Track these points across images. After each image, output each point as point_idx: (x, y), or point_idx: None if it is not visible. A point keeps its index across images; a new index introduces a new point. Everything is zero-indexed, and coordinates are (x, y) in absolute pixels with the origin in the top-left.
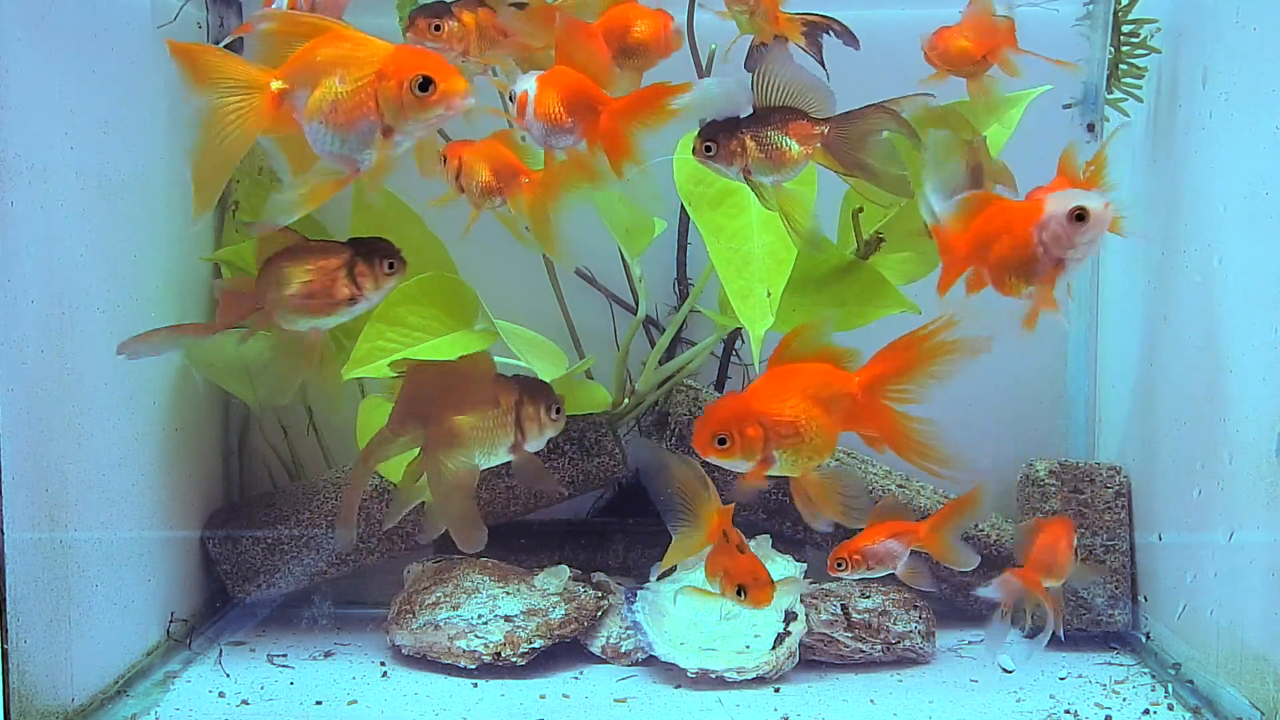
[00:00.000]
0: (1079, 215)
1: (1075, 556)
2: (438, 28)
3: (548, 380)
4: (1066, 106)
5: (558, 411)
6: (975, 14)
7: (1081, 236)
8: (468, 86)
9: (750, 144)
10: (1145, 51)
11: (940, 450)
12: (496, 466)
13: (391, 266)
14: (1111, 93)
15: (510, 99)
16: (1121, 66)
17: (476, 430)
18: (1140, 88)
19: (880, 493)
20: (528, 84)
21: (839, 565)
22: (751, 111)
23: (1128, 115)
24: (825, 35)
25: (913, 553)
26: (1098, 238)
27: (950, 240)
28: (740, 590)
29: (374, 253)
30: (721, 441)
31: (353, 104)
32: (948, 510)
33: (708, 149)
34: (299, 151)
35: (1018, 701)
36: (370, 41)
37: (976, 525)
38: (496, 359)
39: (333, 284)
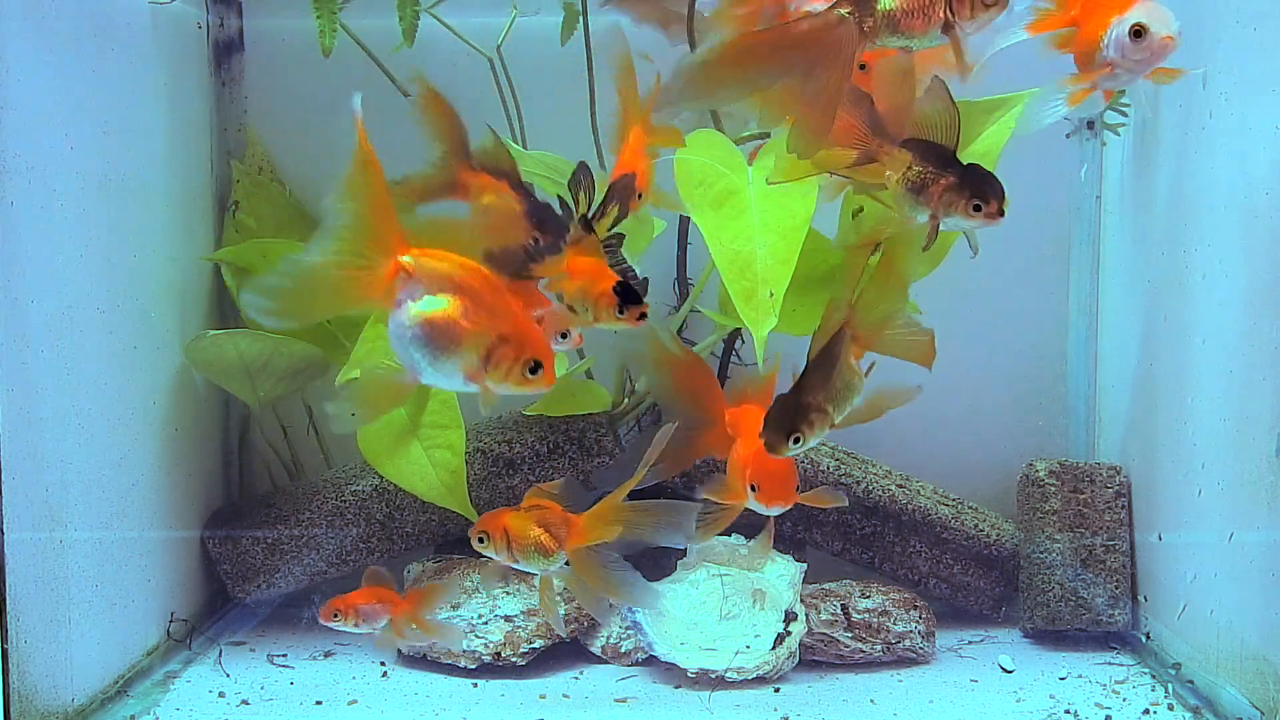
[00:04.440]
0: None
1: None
2: None
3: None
4: (1068, 135)
5: None
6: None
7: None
8: (553, 380)
9: None
10: None
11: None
12: (496, 468)
13: None
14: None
15: None
16: None
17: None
18: (1129, 106)
19: (881, 492)
20: None
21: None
22: None
23: (1119, 135)
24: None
25: None
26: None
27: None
28: (752, 488)
29: None
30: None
31: (462, 343)
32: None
33: None
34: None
35: (1018, 701)
36: (503, 292)
37: (976, 526)
38: None
39: (930, 5)
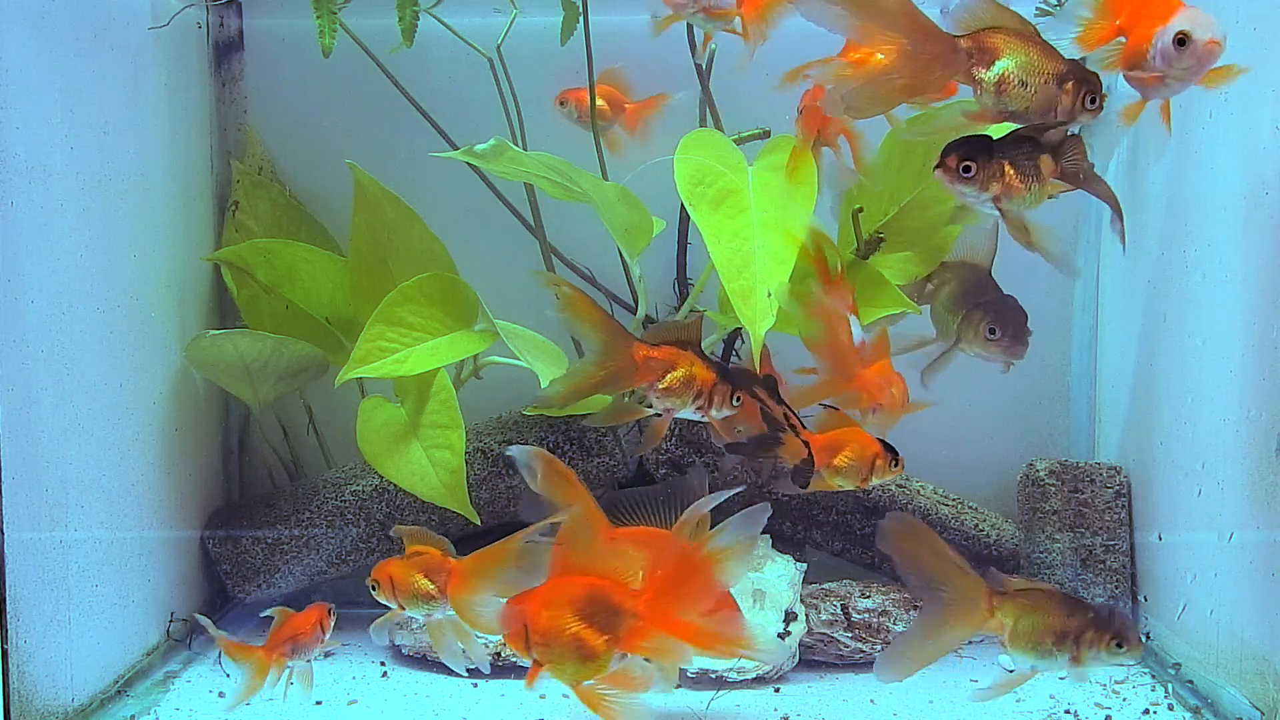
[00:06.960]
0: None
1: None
2: None
3: (546, 382)
4: None
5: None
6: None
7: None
8: None
9: (1009, 170)
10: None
11: (736, 635)
12: (496, 468)
13: (1093, 100)
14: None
15: None
16: None
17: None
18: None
19: (881, 492)
20: None
21: None
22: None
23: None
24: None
25: None
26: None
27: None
28: None
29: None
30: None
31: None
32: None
33: (965, 169)
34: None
35: (1018, 701)
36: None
37: (976, 525)
38: None
39: (1041, 87)
